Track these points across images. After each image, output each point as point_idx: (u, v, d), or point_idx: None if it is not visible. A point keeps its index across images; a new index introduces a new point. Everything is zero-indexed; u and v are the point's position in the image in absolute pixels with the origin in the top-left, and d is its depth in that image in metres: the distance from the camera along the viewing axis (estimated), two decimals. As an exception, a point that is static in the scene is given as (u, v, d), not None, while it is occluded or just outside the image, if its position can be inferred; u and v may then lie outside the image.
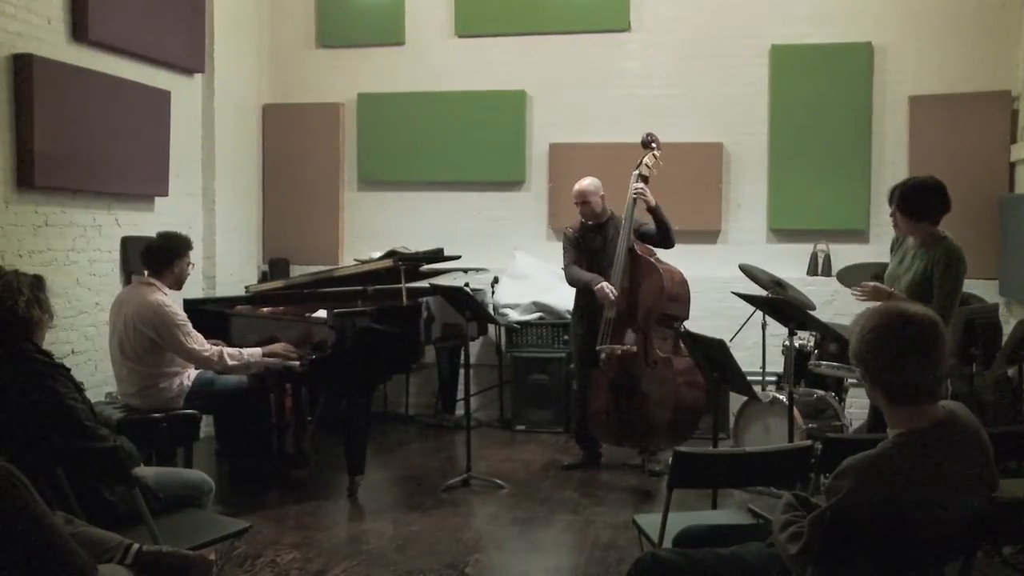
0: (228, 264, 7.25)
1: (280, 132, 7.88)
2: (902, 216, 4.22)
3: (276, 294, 6.18)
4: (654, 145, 5.78)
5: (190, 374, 4.93)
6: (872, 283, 4.26)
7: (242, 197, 7.53)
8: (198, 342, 4.80)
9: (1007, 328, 5.43)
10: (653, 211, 5.64)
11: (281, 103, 7.91)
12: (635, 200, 5.63)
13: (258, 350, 5.00)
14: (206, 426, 5.38)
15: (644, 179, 5.67)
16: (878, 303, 2.39)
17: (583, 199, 5.77)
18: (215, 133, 7.06)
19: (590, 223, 5.82)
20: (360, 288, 6.20)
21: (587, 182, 5.80)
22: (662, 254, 5.78)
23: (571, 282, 5.88)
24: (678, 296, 5.62)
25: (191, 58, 6.75)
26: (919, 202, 4.18)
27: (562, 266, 5.94)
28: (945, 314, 4.00)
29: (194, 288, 6.49)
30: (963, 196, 6.68)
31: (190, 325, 4.82)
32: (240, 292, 6.52)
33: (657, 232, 5.68)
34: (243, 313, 5.83)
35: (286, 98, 7.92)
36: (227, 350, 4.88)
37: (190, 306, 5.65)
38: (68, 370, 3.31)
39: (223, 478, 5.28)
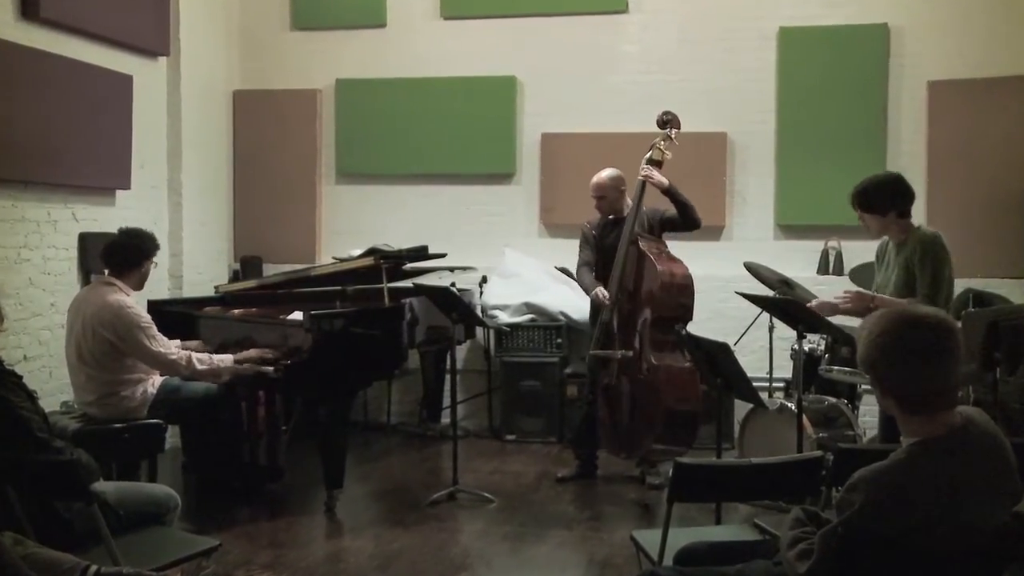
0: (196, 262, 7.22)
1: (252, 121, 7.85)
2: (869, 216, 4.40)
3: (248, 295, 6.18)
4: (670, 126, 5.72)
5: (154, 381, 4.91)
6: (854, 289, 4.45)
7: (211, 190, 7.51)
8: (163, 345, 4.80)
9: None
10: (668, 192, 5.59)
11: (253, 89, 7.88)
12: (643, 185, 5.59)
13: (230, 356, 5.00)
14: (172, 437, 5.36)
15: (656, 164, 5.62)
16: (882, 309, 2.40)
17: (599, 193, 5.73)
18: (181, 121, 7.04)
19: (610, 217, 5.78)
20: (339, 288, 6.20)
21: (605, 174, 5.75)
22: (680, 249, 5.74)
23: (580, 287, 5.88)
24: (678, 295, 5.58)
25: (155, 40, 6.72)
26: (878, 196, 4.36)
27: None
28: (930, 302, 4.15)
29: (159, 288, 6.47)
30: (985, 188, 6.79)
31: (155, 327, 4.81)
32: (209, 292, 6.52)
33: (679, 215, 5.63)
34: (212, 315, 5.82)
35: (259, 84, 7.89)
36: (195, 354, 4.88)
37: (155, 307, 5.62)
38: (20, 377, 3.29)
39: (190, 493, 5.27)
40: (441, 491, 5.49)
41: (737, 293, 5.17)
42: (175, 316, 5.70)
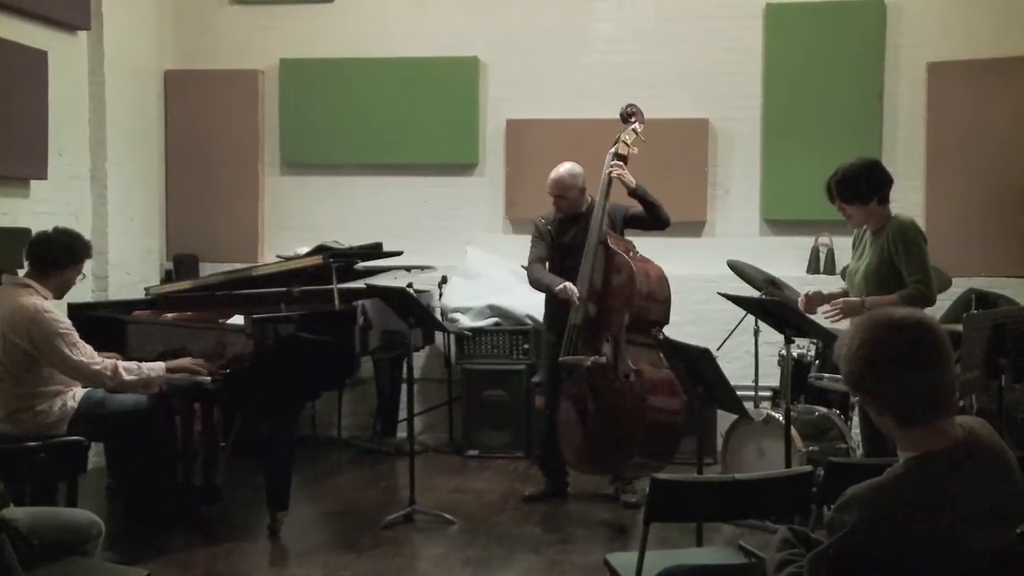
0: (124, 262, 7.14)
1: (187, 104, 7.78)
2: (849, 205, 4.57)
3: (183, 297, 6.14)
4: (635, 119, 5.77)
5: (75, 393, 4.85)
6: (841, 299, 4.60)
7: (140, 181, 7.42)
8: (86, 354, 4.73)
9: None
10: (634, 193, 5.64)
11: (187, 69, 7.81)
12: (610, 182, 5.62)
13: (161, 364, 4.94)
14: (95, 455, 5.34)
15: (622, 159, 5.67)
16: (861, 317, 2.44)
17: (559, 192, 5.74)
18: (106, 104, 6.94)
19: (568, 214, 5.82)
20: (284, 290, 6.15)
21: (564, 170, 5.76)
22: (641, 247, 5.77)
23: (532, 284, 5.87)
24: (654, 297, 5.59)
25: (73, 11, 6.61)
26: (859, 184, 4.52)
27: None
28: (926, 289, 4.40)
29: (81, 290, 6.36)
30: (990, 179, 6.86)
31: (76, 334, 4.74)
32: (139, 295, 6.45)
33: (646, 213, 5.68)
34: (142, 320, 5.78)
35: (193, 63, 7.82)
36: (122, 363, 4.82)
37: (76, 312, 5.56)
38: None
39: (116, 518, 5.21)
40: (397, 512, 5.46)
41: (720, 294, 5.19)
42: (99, 322, 5.63)
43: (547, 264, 5.81)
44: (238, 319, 5.38)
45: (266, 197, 7.85)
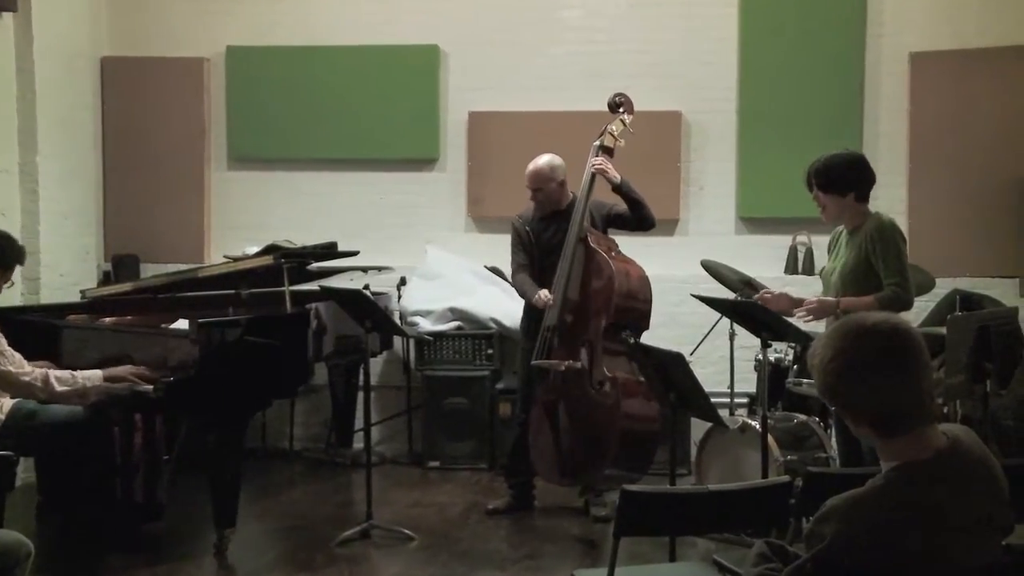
0: (57, 262, 7.08)
1: (126, 94, 7.72)
2: (826, 195, 4.62)
3: (123, 300, 6.08)
4: (623, 109, 5.78)
5: (3, 404, 4.82)
6: (815, 299, 4.65)
7: (75, 176, 7.35)
8: (14, 363, 4.71)
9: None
10: (619, 189, 5.65)
11: (126, 56, 7.75)
12: (593, 177, 5.62)
13: (98, 372, 4.90)
14: (25, 471, 5.31)
15: (608, 151, 5.68)
16: (832, 327, 2.46)
17: (537, 185, 5.74)
18: (36, 92, 6.85)
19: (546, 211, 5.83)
20: (232, 292, 6.12)
21: (543, 161, 5.76)
22: (627, 246, 5.78)
23: (518, 292, 5.91)
24: (634, 300, 5.61)
25: (-5, -12, 6.54)
26: (839, 173, 4.58)
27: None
28: (903, 292, 4.44)
29: (10, 294, 6.28)
30: (975, 175, 6.93)
31: (3, 341, 4.71)
32: (74, 298, 6.38)
33: (631, 212, 5.70)
34: (78, 325, 5.72)
35: (133, 50, 7.76)
36: (54, 373, 4.78)
37: (4, 317, 5.46)
38: None
39: (48, 539, 5.17)
40: (353, 528, 5.45)
41: (693, 296, 5.21)
42: (30, 327, 5.56)
43: (529, 268, 5.82)
44: (183, 324, 5.34)
45: (212, 194, 7.80)
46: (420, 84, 7.52)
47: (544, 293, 5.56)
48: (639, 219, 5.71)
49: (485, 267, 7.29)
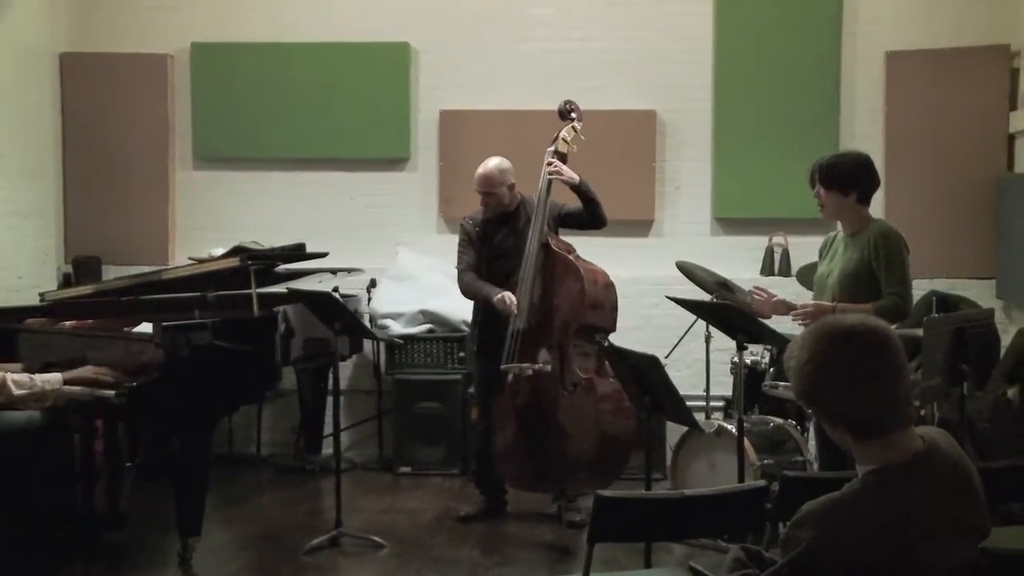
0: (14, 263, 7.05)
1: (87, 91, 7.68)
2: (828, 192, 4.62)
3: (83, 303, 6.01)
4: (574, 115, 5.86)
5: (-42, 410, 4.75)
6: (812, 303, 4.63)
7: (33, 175, 7.32)
8: (-29, 367, 4.64)
9: (1006, 339, 5.61)
10: (577, 188, 5.71)
11: (87, 52, 7.70)
12: (550, 183, 5.68)
13: (57, 376, 4.85)
14: (-19, 479, 5.18)
15: (561, 157, 5.74)
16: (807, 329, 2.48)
17: (488, 188, 5.78)
18: (-9, 88, 6.84)
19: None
20: (197, 295, 6.08)
21: (492, 165, 5.79)
22: (584, 248, 5.79)
23: (465, 294, 5.93)
24: (602, 302, 5.67)
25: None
26: (844, 171, 4.61)
27: (456, 267, 5.91)
28: (903, 302, 4.47)
29: (-33, 296, 6.27)
30: (952, 176, 6.99)
31: (-39, 345, 4.65)
32: (33, 301, 6.28)
33: (585, 210, 5.73)
34: (37, 328, 5.67)
35: (94, 46, 7.71)
36: (12, 376, 4.72)
37: (-40, 320, 5.45)
38: None
39: (5, 548, 5.05)
40: (322, 536, 5.44)
41: (668, 298, 5.22)
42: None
43: (477, 270, 5.85)
44: (146, 327, 5.29)
45: (177, 194, 7.76)
46: (390, 82, 7.51)
47: (508, 296, 5.58)
48: (593, 216, 5.76)
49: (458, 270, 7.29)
